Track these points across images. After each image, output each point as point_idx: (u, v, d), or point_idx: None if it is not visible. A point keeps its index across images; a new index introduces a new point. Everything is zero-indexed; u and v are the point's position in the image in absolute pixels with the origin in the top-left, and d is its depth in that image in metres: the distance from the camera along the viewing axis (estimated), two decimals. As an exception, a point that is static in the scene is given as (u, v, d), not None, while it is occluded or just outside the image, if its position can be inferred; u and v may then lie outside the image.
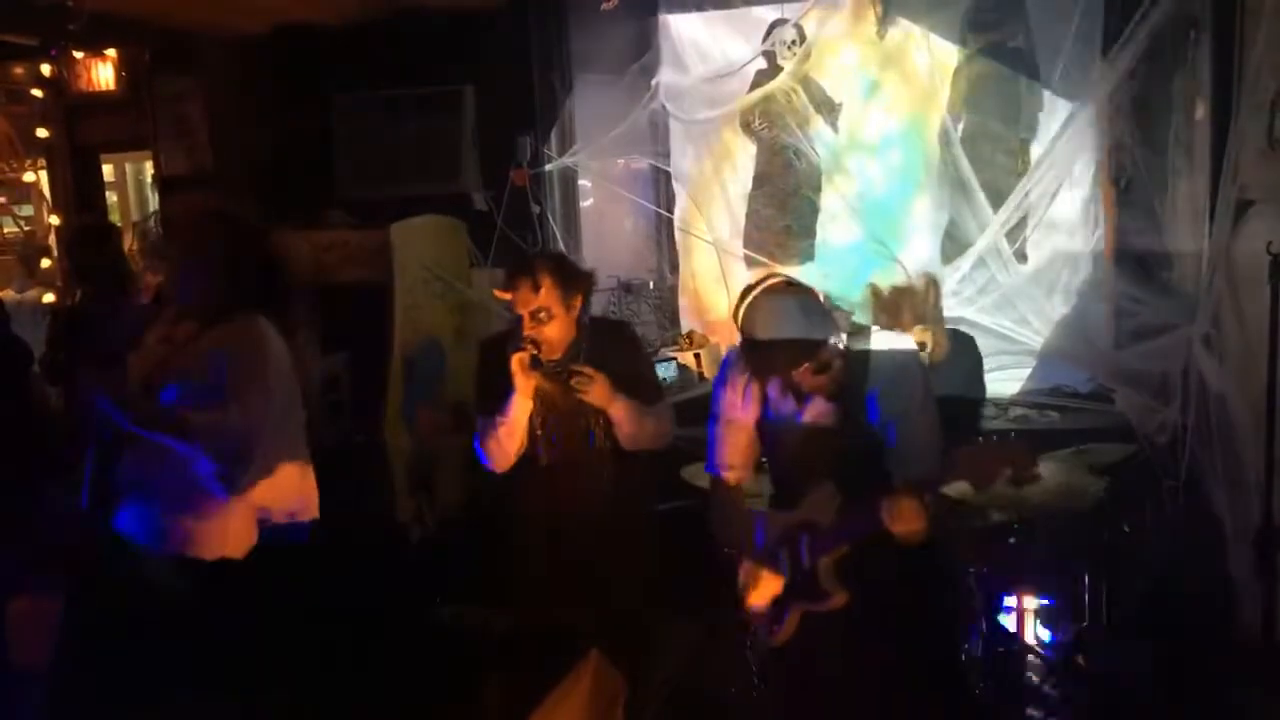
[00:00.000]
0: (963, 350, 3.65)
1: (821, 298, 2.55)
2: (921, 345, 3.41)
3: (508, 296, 3.12)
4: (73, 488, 3.24)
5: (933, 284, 3.56)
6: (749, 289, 2.58)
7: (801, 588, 2.57)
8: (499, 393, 3.09)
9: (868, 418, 2.52)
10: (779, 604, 2.63)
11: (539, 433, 3.16)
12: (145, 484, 2.73)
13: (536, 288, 3.05)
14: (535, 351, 3.03)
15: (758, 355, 2.53)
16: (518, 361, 3.02)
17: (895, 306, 3.49)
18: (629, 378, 3.14)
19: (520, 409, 3.08)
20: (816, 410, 2.56)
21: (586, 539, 3.14)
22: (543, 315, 3.06)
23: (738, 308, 2.57)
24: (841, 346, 2.52)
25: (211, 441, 2.62)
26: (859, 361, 2.54)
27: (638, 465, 3.26)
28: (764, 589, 2.62)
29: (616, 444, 3.17)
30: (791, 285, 2.54)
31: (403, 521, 4.55)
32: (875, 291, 3.58)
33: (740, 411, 2.71)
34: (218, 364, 2.66)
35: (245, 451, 2.65)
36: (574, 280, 3.13)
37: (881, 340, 2.59)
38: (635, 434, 3.15)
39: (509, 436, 3.13)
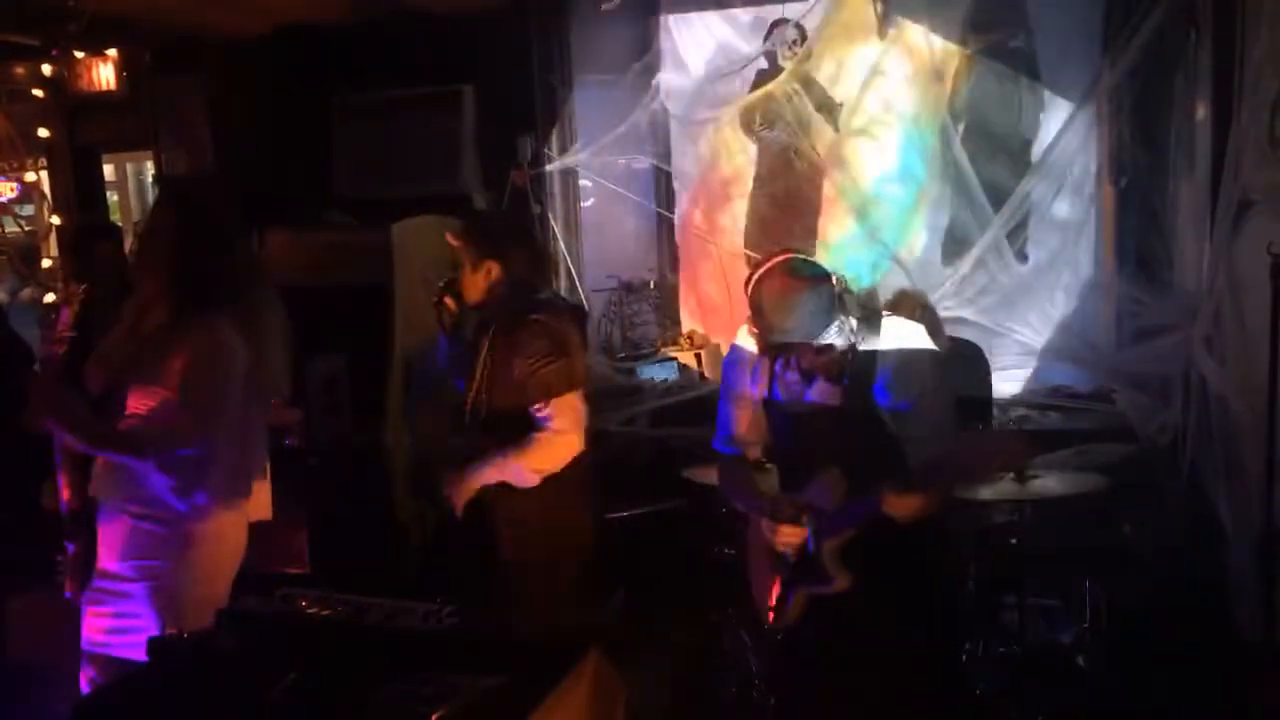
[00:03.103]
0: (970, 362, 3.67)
1: (834, 280, 2.54)
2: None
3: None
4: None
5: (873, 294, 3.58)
6: (762, 262, 2.59)
7: (806, 571, 2.59)
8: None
9: (875, 402, 2.53)
10: (785, 586, 2.66)
11: None
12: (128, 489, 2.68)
13: (456, 236, 3.13)
14: (449, 292, 3.12)
15: (763, 328, 2.55)
16: None
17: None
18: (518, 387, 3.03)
19: None
20: (823, 391, 2.58)
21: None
22: (457, 263, 3.11)
23: (749, 279, 2.58)
24: (851, 326, 2.52)
25: (165, 455, 2.55)
26: (868, 346, 2.54)
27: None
28: (788, 533, 2.61)
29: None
30: (803, 265, 2.54)
31: (403, 523, 4.55)
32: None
33: (748, 387, 2.73)
34: (175, 372, 2.58)
35: (199, 464, 2.58)
36: (480, 241, 3.09)
37: (893, 326, 2.58)
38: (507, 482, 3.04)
39: None
